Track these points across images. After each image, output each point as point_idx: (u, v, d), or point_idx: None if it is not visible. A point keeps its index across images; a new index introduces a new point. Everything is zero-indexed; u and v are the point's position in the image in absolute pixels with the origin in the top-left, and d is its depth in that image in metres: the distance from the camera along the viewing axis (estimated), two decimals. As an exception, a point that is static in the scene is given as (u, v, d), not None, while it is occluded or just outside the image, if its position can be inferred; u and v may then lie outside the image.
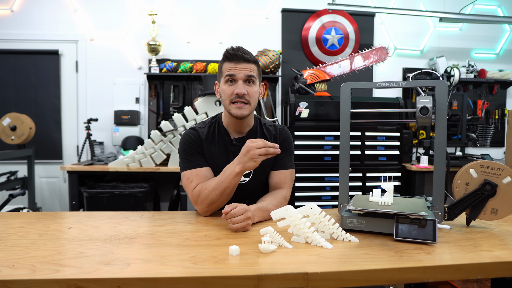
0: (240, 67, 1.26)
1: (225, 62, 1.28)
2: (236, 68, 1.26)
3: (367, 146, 3.00)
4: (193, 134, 1.34)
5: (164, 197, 3.56)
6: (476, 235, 1.05)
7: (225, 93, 1.28)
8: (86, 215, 1.27)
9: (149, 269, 0.78)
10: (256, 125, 1.40)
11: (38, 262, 0.82)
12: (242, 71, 1.26)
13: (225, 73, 1.27)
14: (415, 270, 0.82)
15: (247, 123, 1.36)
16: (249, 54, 1.29)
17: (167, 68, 3.39)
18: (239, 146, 1.33)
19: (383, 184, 1.11)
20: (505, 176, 1.08)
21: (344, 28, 3.70)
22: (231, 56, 1.26)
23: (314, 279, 0.77)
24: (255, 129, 1.38)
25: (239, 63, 1.26)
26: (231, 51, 1.27)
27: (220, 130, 1.36)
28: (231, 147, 1.35)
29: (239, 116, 1.27)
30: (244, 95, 1.26)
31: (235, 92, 1.25)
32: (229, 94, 1.27)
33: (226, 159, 1.33)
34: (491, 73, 3.71)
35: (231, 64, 1.26)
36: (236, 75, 1.26)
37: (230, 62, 1.27)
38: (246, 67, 1.26)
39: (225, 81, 1.28)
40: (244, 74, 1.26)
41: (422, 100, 1.05)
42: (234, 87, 1.26)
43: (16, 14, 3.46)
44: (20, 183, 3.06)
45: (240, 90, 1.24)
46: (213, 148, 1.34)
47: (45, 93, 3.52)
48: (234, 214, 1.07)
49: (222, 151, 1.34)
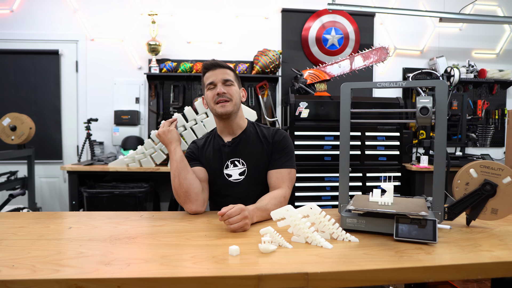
0: (217, 72, 1.41)
1: (205, 74, 1.44)
2: (213, 74, 1.41)
3: (367, 146, 3.00)
4: (192, 146, 1.51)
5: (164, 197, 3.56)
6: (476, 235, 1.05)
7: (208, 98, 1.42)
8: (86, 215, 1.27)
9: (149, 269, 0.78)
10: (249, 127, 1.49)
11: (38, 262, 0.82)
12: (219, 76, 1.40)
13: (206, 82, 1.42)
14: (415, 270, 0.82)
15: (237, 124, 1.46)
16: (223, 63, 1.44)
17: (167, 68, 3.39)
18: (232, 147, 1.44)
19: (383, 184, 1.11)
20: (505, 176, 1.08)
21: (344, 28, 3.70)
22: (208, 66, 1.42)
23: (314, 279, 0.77)
24: (248, 130, 1.48)
25: (216, 70, 1.41)
26: (207, 62, 1.44)
27: (216, 138, 1.50)
28: (224, 149, 1.44)
29: (224, 113, 1.39)
30: (224, 93, 1.39)
31: (216, 92, 1.39)
32: (212, 97, 1.40)
33: (220, 160, 1.43)
34: (491, 73, 3.71)
35: (209, 73, 1.42)
36: (215, 80, 1.40)
37: (208, 71, 1.43)
38: (222, 72, 1.41)
39: (207, 89, 1.43)
40: (221, 78, 1.40)
41: (422, 100, 1.05)
42: (215, 90, 1.40)
43: (16, 14, 3.46)
44: (20, 183, 3.06)
45: (219, 90, 1.38)
46: (209, 153, 1.46)
47: (45, 93, 3.52)
48: (231, 214, 1.08)
49: (217, 155, 1.45)
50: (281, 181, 1.37)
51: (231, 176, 1.41)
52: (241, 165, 1.42)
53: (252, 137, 1.46)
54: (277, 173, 1.38)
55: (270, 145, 1.43)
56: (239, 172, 1.41)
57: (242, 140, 1.45)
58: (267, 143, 1.44)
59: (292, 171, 1.41)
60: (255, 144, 1.44)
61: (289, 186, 1.38)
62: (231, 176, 1.41)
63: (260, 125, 1.52)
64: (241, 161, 1.42)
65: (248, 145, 1.44)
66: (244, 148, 1.43)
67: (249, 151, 1.42)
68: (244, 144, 1.44)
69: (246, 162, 1.42)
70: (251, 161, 1.41)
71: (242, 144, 1.44)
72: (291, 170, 1.40)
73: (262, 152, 1.42)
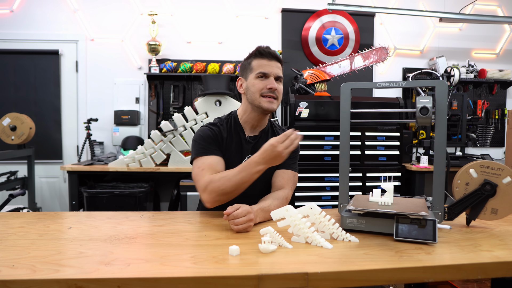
0: (273, 64, 1.32)
1: (257, 59, 1.33)
2: (269, 65, 1.32)
3: (367, 146, 3.00)
4: (216, 129, 1.36)
5: (164, 197, 3.56)
6: (476, 235, 1.05)
7: (255, 87, 1.32)
8: (86, 215, 1.27)
9: (149, 269, 0.78)
10: (268, 127, 1.44)
11: (38, 262, 0.82)
12: (274, 69, 1.32)
13: (258, 69, 1.32)
14: (415, 270, 0.82)
15: (265, 121, 1.41)
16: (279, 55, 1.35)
17: (167, 68, 3.39)
18: (252, 144, 1.38)
19: (383, 184, 1.11)
20: (505, 176, 1.08)
21: (344, 28, 3.70)
22: (265, 53, 1.32)
23: (314, 279, 0.77)
24: (267, 130, 1.43)
25: (272, 61, 1.32)
26: (264, 49, 1.33)
27: (236, 127, 1.39)
28: (246, 144, 1.38)
29: (269, 109, 1.32)
30: (275, 90, 1.32)
31: (268, 87, 1.30)
32: (261, 88, 1.31)
33: (240, 155, 1.37)
34: (491, 73, 3.71)
35: (264, 61, 1.32)
36: (269, 72, 1.32)
37: (262, 59, 1.32)
38: (277, 66, 1.34)
39: (256, 76, 1.33)
40: (276, 72, 1.33)
41: (422, 100, 1.05)
42: (266, 82, 1.31)
43: (16, 14, 3.46)
44: (20, 183, 3.06)
45: (273, 85, 1.31)
46: (230, 144, 1.37)
47: (45, 93, 3.52)
48: (237, 215, 1.07)
49: (237, 147, 1.37)
50: (286, 182, 1.37)
51: None
52: None
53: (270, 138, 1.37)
54: (283, 173, 1.38)
55: None
56: None
57: (261, 139, 1.40)
58: None
59: (296, 175, 1.41)
60: None
61: (292, 188, 1.37)
62: None
63: (275, 124, 1.49)
64: None
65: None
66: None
67: None
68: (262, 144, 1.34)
69: None
70: None
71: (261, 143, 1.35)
72: (295, 173, 1.41)
73: None
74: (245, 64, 1.39)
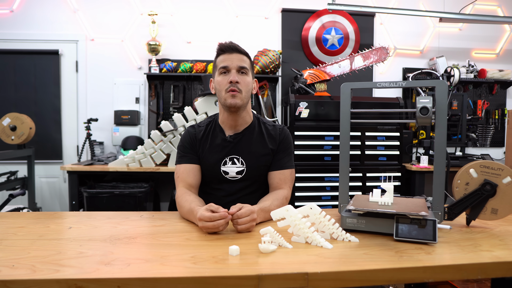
0: (233, 57, 1.29)
1: (219, 56, 1.32)
2: (229, 59, 1.29)
3: (367, 146, 3.00)
4: (191, 132, 1.39)
5: (164, 197, 3.56)
6: (476, 235, 1.05)
7: (219, 84, 1.31)
8: (86, 215, 1.27)
9: (149, 269, 0.78)
10: (254, 123, 1.40)
11: (38, 262, 0.82)
12: (234, 62, 1.29)
13: (219, 65, 1.30)
14: (415, 270, 0.81)
15: (243, 118, 1.37)
16: (241, 47, 1.32)
17: (167, 68, 3.39)
18: (234, 143, 1.36)
19: (383, 184, 1.11)
20: (505, 176, 1.08)
21: (344, 28, 3.70)
22: (224, 48, 1.30)
23: (314, 279, 0.77)
24: (252, 127, 1.39)
25: (232, 54, 1.29)
26: (223, 44, 1.31)
27: (216, 128, 1.39)
28: (225, 143, 1.36)
29: (233, 104, 1.29)
30: (237, 83, 1.28)
31: (229, 80, 1.28)
32: (224, 84, 1.29)
33: (218, 155, 1.35)
34: (491, 73, 3.71)
35: (225, 56, 1.30)
36: (229, 66, 1.29)
37: (223, 54, 1.30)
38: (238, 57, 1.30)
39: (219, 73, 1.31)
40: (236, 64, 1.29)
41: (422, 100, 1.04)
42: (228, 76, 1.29)
43: (16, 14, 3.46)
44: (20, 183, 3.06)
45: (233, 78, 1.27)
46: (207, 144, 1.37)
47: (45, 93, 3.52)
48: (241, 215, 1.05)
49: (216, 149, 1.36)
50: (284, 182, 1.36)
51: (228, 173, 1.34)
52: (240, 164, 1.34)
53: (255, 135, 1.37)
54: (280, 174, 1.36)
55: (276, 145, 1.38)
56: (237, 171, 1.34)
57: (244, 136, 1.36)
58: (273, 143, 1.38)
59: (293, 171, 1.40)
60: (258, 143, 1.37)
61: (290, 187, 1.37)
62: (227, 173, 1.34)
63: (265, 121, 1.44)
64: (240, 160, 1.35)
65: (250, 143, 1.36)
66: (245, 146, 1.35)
67: (250, 150, 1.35)
68: (247, 142, 1.36)
69: (245, 161, 1.34)
70: (251, 161, 1.35)
71: (244, 142, 1.36)
72: (292, 170, 1.39)
73: (265, 153, 1.36)
74: (214, 62, 1.37)
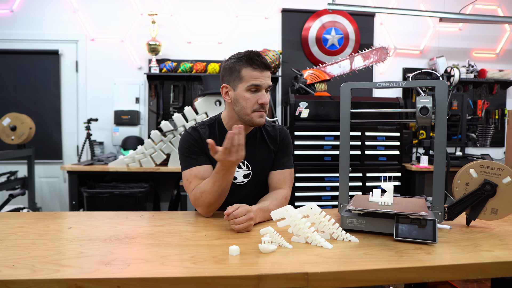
0: (265, 75, 1.25)
1: (248, 68, 1.24)
2: (262, 77, 1.24)
3: (367, 146, 2.99)
4: (195, 133, 1.32)
5: (164, 197, 3.56)
6: (476, 235, 1.05)
7: (247, 101, 1.25)
8: (86, 215, 1.27)
9: (149, 269, 0.78)
10: (255, 127, 1.39)
11: (38, 262, 0.82)
12: (266, 81, 1.25)
13: (250, 81, 1.23)
14: (415, 270, 0.82)
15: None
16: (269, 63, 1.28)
17: (167, 68, 3.39)
18: None
19: (383, 184, 1.11)
20: (505, 176, 1.08)
21: (344, 28, 3.70)
22: (257, 63, 1.23)
23: (314, 279, 0.77)
24: (254, 131, 1.39)
25: (263, 71, 1.24)
26: (257, 58, 1.23)
27: (221, 131, 1.35)
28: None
29: (260, 124, 1.28)
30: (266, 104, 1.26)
31: (260, 102, 1.24)
32: (253, 103, 1.25)
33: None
34: (491, 73, 3.71)
35: (256, 72, 1.23)
36: (262, 85, 1.24)
37: (255, 70, 1.23)
38: (269, 75, 1.27)
39: (247, 89, 1.25)
40: (267, 84, 1.26)
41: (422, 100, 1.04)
42: (258, 96, 1.25)
43: (16, 14, 3.46)
44: (20, 183, 3.06)
45: (265, 100, 1.25)
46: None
47: (45, 93, 3.52)
48: (237, 215, 1.07)
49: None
50: (283, 182, 1.36)
51: (236, 178, 1.34)
52: (246, 167, 1.35)
53: (258, 139, 1.38)
54: (280, 174, 1.37)
55: (276, 146, 1.39)
56: (244, 175, 1.35)
57: (249, 141, 1.35)
58: (274, 144, 1.39)
59: (292, 171, 1.41)
60: (261, 147, 1.37)
61: (289, 186, 1.37)
62: (236, 178, 1.34)
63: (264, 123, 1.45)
64: (246, 163, 1.35)
65: (254, 148, 1.36)
66: (250, 150, 1.34)
67: (255, 154, 1.36)
68: (251, 146, 1.35)
69: (251, 165, 1.35)
70: (257, 165, 1.35)
71: (249, 146, 1.31)
72: (291, 170, 1.40)
73: (268, 155, 1.37)
74: (231, 69, 1.27)
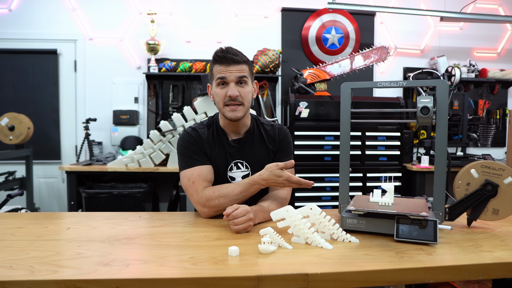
0: (231, 69, 1.24)
1: (215, 65, 1.26)
2: (227, 70, 1.24)
3: (368, 146, 2.99)
4: (194, 133, 1.33)
5: (163, 198, 3.55)
6: (477, 236, 1.05)
7: (218, 96, 1.27)
8: (85, 216, 1.26)
9: (148, 270, 0.78)
10: (253, 125, 1.39)
11: (36, 263, 0.81)
12: (233, 73, 1.24)
13: (216, 76, 1.25)
14: (416, 271, 0.81)
15: (243, 124, 1.35)
16: (239, 55, 1.26)
17: (166, 67, 3.38)
18: (237, 148, 1.35)
19: (383, 185, 1.11)
20: (506, 177, 1.07)
21: (344, 28, 3.69)
22: (220, 59, 1.24)
23: (314, 280, 0.77)
24: (252, 130, 1.38)
25: (230, 65, 1.24)
26: (220, 53, 1.24)
27: (218, 131, 1.35)
28: (229, 148, 1.34)
29: (233, 118, 1.27)
30: (237, 97, 1.24)
31: (228, 95, 1.24)
32: (222, 97, 1.26)
33: (225, 160, 1.33)
34: (492, 73, 3.70)
35: (222, 67, 1.24)
36: (228, 78, 1.24)
37: (220, 65, 1.25)
38: (236, 68, 1.24)
39: (216, 84, 1.27)
40: (235, 76, 1.24)
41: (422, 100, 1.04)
42: (226, 89, 1.25)
43: (14, 13, 3.45)
44: (18, 183, 3.06)
45: (232, 92, 1.23)
46: (214, 149, 1.33)
47: (43, 92, 3.51)
48: (236, 215, 1.06)
49: (221, 152, 1.34)
50: None
51: (234, 179, 1.34)
52: (245, 168, 1.34)
53: (256, 139, 1.37)
54: None
55: (276, 145, 1.38)
56: (243, 175, 1.34)
57: (247, 140, 1.35)
58: (273, 144, 1.38)
59: (292, 171, 1.40)
60: (260, 146, 1.36)
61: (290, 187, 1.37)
62: (234, 179, 1.34)
63: (263, 122, 1.42)
64: (245, 164, 1.34)
65: (253, 147, 1.35)
66: (248, 150, 1.35)
67: (253, 154, 1.35)
68: (249, 146, 1.35)
69: (250, 165, 1.34)
70: (255, 165, 1.34)
71: (247, 146, 1.35)
72: (291, 170, 1.39)
73: (267, 155, 1.36)
74: (210, 69, 1.31)
